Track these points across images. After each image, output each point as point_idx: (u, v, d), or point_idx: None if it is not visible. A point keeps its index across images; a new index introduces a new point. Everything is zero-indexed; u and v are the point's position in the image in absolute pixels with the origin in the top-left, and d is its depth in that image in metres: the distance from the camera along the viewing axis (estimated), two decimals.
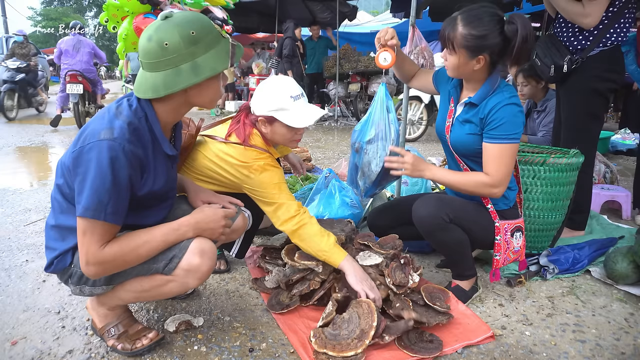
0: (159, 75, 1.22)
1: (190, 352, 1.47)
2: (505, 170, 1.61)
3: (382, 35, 1.78)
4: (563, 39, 2.26)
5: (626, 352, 1.52)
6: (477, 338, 1.54)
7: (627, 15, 2.14)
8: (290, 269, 1.84)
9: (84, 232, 1.19)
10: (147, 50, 1.22)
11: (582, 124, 2.30)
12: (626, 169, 4.25)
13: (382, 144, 1.79)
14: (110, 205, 1.17)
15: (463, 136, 1.72)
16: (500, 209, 1.76)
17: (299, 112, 1.68)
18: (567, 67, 2.21)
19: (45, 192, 3.36)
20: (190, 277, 1.33)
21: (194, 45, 1.22)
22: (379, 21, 11.70)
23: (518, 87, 3.19)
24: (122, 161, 1.18)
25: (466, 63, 1.61)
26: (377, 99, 1.89)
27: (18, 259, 2.18)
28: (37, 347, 1.49)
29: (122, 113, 1.24)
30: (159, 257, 1.31)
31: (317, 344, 1.40)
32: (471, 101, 1.68)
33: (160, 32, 1.21)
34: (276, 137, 1.74)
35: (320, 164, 4.48)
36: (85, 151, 1.17)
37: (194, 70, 1.22)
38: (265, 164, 1.68)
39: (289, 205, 1.67)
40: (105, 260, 1.22)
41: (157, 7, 3.04)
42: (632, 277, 1.92)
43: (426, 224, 1.67)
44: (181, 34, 1.20)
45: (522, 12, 6.86)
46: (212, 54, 1.25)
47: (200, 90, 1.30)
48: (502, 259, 1.77)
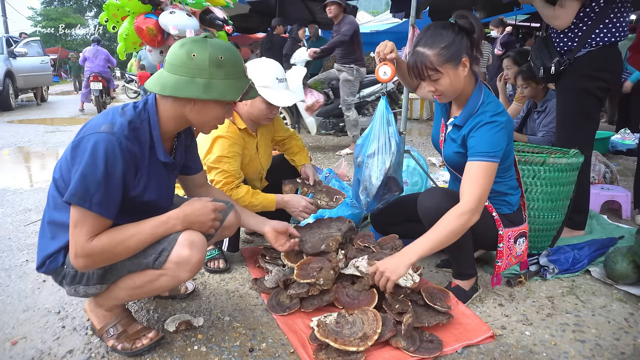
0: (174, 77, 1.28)
1: (190, 352, 1.47)
2: (479, 190, 1.54)
3: (382, 50, 1.78)
4: (555, 40, 2.30)
5: (626, 352, 1.52)
6: (477, 338, 1.54)
7: (613, 15, 2.14)
8: (289, 269, 1.84)
9: (75, 223, 1.21)
10: (175, 54, 1.30)
11: (576, 123, 2.31)
12: (626, 169, 4.25)
13: (382, 158, 1.79)
14: (97, 195, 1.19)
15: (452, 154, 1.75)
16: (503, 213, 1.76)
17: (280, 92, 1.89)
18: (555, 68, 2.25)
19: (45, 192, 3.35)
20: (181, 270, 1.33)
21: (217, 68, 1.29)
22: (379, 21, 11.68)
23: (519, 89, 3.19)
24: (118, 155, 1.21)
25: (456, 75, 1.59)
26: (378, 112, 1.89)
27: (18, 259, 2.18)
28: (37, 347, 1.49)
29: (126, 113, 1.30)
30: (149, 251, 1.31)
31: (320, 333, 1.41)
32: (455, 123, 1.70)
33: (194, 45, 1.29)
34: (253, 111, 1.94)
35: (320, 164, 4.48)
36: (83, 141, 1.21)
37: (206, 87, 1.28)
38: (216, 135, 1.86)
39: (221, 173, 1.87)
40: (93, 253, 1.22)
41: (157, 7, 3.04)
42: (632, 277, 1.92)
43: (431, 215, 1.66)
44: (211, 54, 1.28)
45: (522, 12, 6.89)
46: (228, 83, 1.31)
47: (203, 109, 1.34)
48: (504, 265, 1.78)
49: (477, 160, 1.58)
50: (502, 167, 1.71)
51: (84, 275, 1.33)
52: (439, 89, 1.62)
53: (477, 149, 1.59)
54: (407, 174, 2.94)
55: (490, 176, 1.58)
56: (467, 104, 1.66)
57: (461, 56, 1.57)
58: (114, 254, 1.27)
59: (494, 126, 1.59)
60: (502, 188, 1.77)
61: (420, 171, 2.93)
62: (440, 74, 1.57)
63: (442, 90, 1.62)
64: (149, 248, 1.31)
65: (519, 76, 3.16)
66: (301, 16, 8.45)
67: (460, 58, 1.57)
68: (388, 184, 1.76)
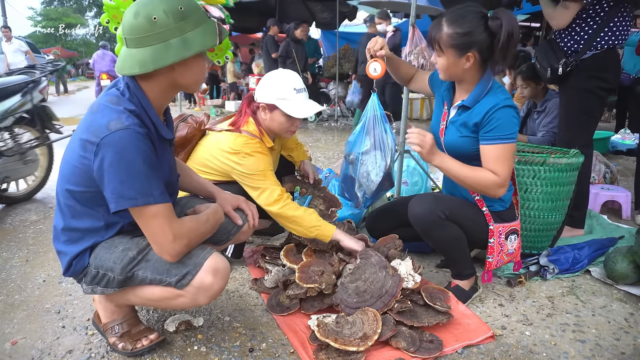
0: (146, 50, 1.19)
1: (190, 352, 1.47)
2: (508, 170, 1.61)
3: (372, 46, 1.80)
4: (561, 42, 2.33)
5: (626, 352, 1.52)
6: (477, 338, 1.54)
7: (617, 20, 2.18)
8: (289, 270, 1.84)
9: (153, 217, 1.20)
10: (134, 26, 1.18)
11: (580, 122, 2.35)
12: (626, 169, 4.25)
13: (381, 154, 1.77)
14: (154, 187, 1.19)
15: (456, 139, 1.72)
16: (496, 210, 1.76)
17: (299, 104, 1.79)
18: (562, 69, 2.28)
19: (45, 192, 3.36)
20: (201, 295, 1.32)
21: (183, 21, 1.20)
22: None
23: (518, 90, 3.19)
24: (142, 143, 1.17)
25: (455, 63, 1.61)
26: (368, 109, 1.89)
27: (18, 259, 2.18)
28: (37, 347, 1.49)
29: (119, 102, 1.21)
30: (173, 271, 1.29)
31: (320, 333, 1.41)
32: (464, 104, 1.68)
33: (147, 7, 1.18)
34: (273, 125, 1.84)
35: (320, 164, 4.48)
36: (103, 148, 1.14)
37: (184, 44, 1.20)
38: (252, 150, 1.76)
39: (273, 190, 1.76)
40: (188, 234, 1.28)
41: None
42: (632, 277, 1.92)
43: (422, 221, 1.67)
44: (170, 9, 1.18)
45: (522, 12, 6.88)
46: (200, 30, 1.23)
47: (187, 69, 1.27)
48: (495, 261, 1.77)
49: (501, 142, 1.60)
50: None
51: (104, 278, 1.30)
52: (437, 65, 1.67)
53: (501, 132, 1.60)
54: (407, 174, 2.94)
55: (512, 156, 1.64)
56: (476, 88, 1.66)
57: (469, 49, 1.57)
58: (197, 234, 1.32)
59: (512, 110, 1.62)
60: None
61: (420, 171, 2.93)
62: (442, 53, 1.61)
63: (439, 66, 1.66)
64: (173, 268, 1.29)
65: (519, 76, 3.16)
66: (301, 16, 8.45)
67: (467, 51, 1.57)
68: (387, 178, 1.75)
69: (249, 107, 1.88)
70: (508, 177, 1.61)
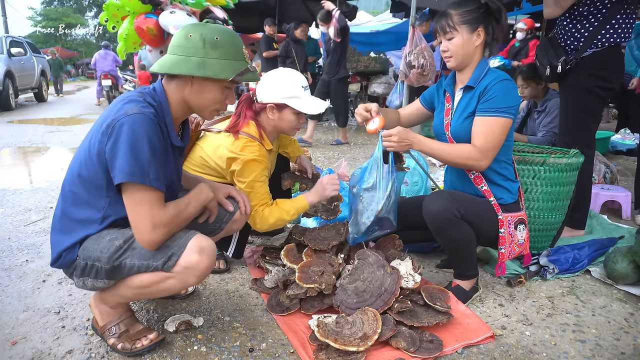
0: (172, 57, 1.36)
1: (190, 352, 1.47)
2: (492, 144, 1.66)
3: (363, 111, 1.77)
4: (562, 39, 2.30)
5: (626, 352, 1.52)
6: (477, 338, 1.54)
7: (619, 17, 2.15)
8: (289, 270, 1.84)
9: (138, 202, 1.26)
10: (176, 36, 1.38)
11: (580, 121, 2.32)
12: (626, 169, 4.25)
13: (376, 197, 1.72)
14: (152, 170, 1.25)
15: (462, 122, 1.75)
16: (506, 202, 1.77)
17: (309, 101, 1.84)
18: (562, 67, 2.27)
19: (45, 192, 3.36)
20: (189, 275, 1.34)
21: (212, 49, 1.34)
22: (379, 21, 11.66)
23: (519, 90, 3.19)
24: (154, 130, 1.27)
25: (469, 40, 1.70)
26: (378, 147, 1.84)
27: (18, 259, 2.18)
28: (37, 347, 1.49)
29: (143, 96, 1.34)
30: (158, 255, 1.32)
31: (320, 333, 1.41)
32: (468, 84, 1.75)
33: (193, 27, 1.37)
34: (282, 124, 1.86)
35: (320, 164, 4.48)
36: (117, 126, 1.23)
37: (199, 65, 1.33)
38: (249, 159, 1.76)
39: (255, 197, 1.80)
40: (170, 221, 1.31)
41: (158, 7, 3.05)
42: (632, 277, 1.92)
43: (437, 219, 1.66)
44: (207, 35, 1.34)
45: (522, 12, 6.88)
46: (224, 63, 1.35)
47: (200, 90, 1.38)
48: (508, 252, 1.76)
49: (491, 115, 1.66)
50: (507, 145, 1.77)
51: (93, 269, 1.33)
52: (451, 49, 1.72)
53: (493, 104, 1.67)
54: (407, 174, 2.94)
55: (503, 133, 1.68)
56: (476, 69, 1.76)
57: (478, 25, 1.69)
58: (178, 221, 1.35)
59: (509, 83, 1.70)
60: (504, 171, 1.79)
61: (420, 171, 2.93)
62: (456, 32, 1.70)
63: (454, 50, 1.72)
64: (158, 252, 1.32)
65: (519, 76, 3.16)
66: (301, 16, 8.45)
67: (477, 27, 1.69)
68: (380, 222, 1.72)
69: (250, 109, 1.86)
70: (489, 151, 1.66)
